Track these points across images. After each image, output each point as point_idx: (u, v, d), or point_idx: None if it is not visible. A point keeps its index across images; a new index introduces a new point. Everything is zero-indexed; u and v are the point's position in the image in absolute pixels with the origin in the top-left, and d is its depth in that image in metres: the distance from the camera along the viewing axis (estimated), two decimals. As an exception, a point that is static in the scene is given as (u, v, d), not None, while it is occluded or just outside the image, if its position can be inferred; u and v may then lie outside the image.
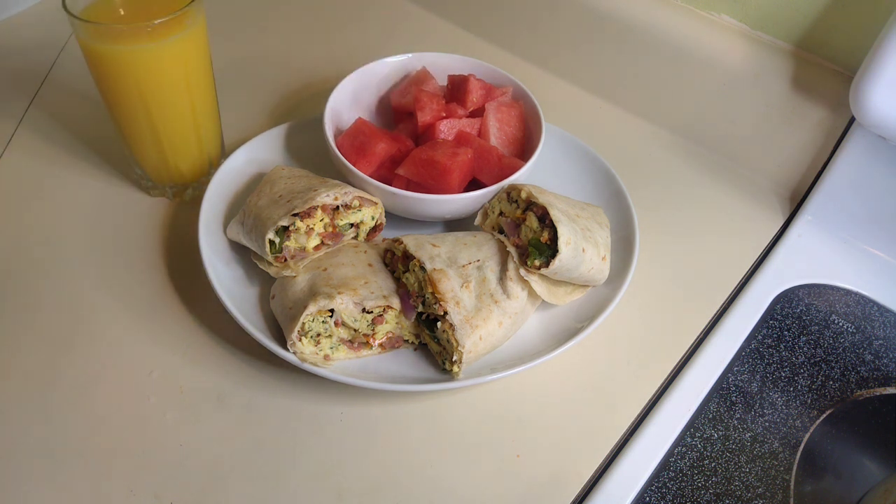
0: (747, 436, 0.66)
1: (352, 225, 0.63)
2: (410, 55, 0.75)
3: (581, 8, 0.85)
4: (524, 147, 0.71)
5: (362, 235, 0.64)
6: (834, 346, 0.72)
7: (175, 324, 0.63)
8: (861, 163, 0.70)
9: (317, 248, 0.61)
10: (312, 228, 0.60)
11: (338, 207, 0.61)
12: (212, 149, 0.72)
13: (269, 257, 0.59)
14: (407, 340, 0.60)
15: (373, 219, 0.64)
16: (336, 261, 0.61)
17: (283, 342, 0.57)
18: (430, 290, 0.57)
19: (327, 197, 0.60)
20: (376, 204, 0.63)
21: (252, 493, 0.53)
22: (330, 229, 0.62)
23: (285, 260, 0.60)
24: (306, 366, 0.56)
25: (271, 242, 0.59)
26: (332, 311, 0.56)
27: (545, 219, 0.59)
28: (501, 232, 0.62)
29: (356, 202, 0.62)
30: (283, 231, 0.59)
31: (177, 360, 0.60)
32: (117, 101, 0.64)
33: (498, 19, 0.93)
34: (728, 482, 0.63)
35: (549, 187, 0.65)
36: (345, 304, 0.56)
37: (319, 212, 0.60)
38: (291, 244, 0.60)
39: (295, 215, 0.59)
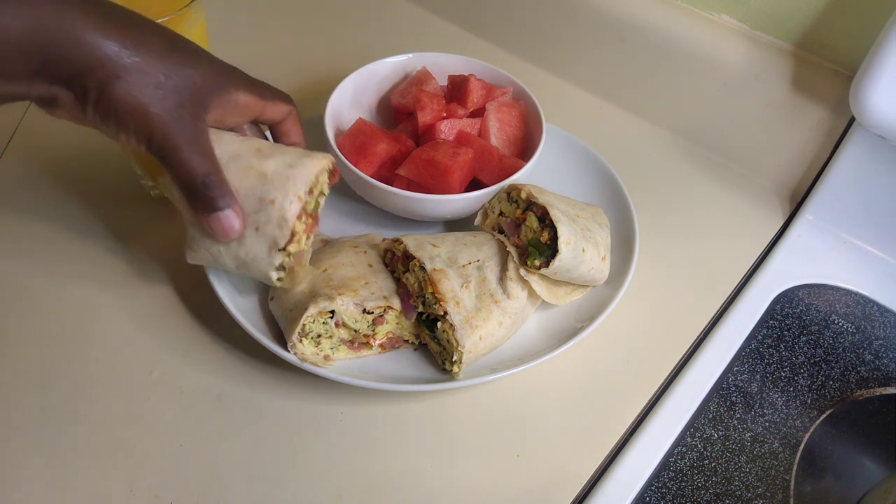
0: (747, 436, 0.66)
1: (321, 195, 0.57)
2: (411, 55, 0.75)
3: (581, 8, 0.85)
4: (524, 147, 0.71)
5: (323, 188, 0.57)
6: (834, 346, 0.72)
7: (175, 324, 0.63)
8: (861, 163, 0.70)
9: (307, 235, 0.56)
10: (299, 239, 0.55)
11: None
12: (212, 149, 0.72)
13: (280, 283, 0.56)
14: (407, 340, 0.60)
15: (326, 172, 0.57)
16: (336, 261, 0.61)
17: (283, 342, 0.57)
18: (430, 290, 0.57)
19: (295, 205, 0.53)
20: (323, 161, 0.56)
21: (252, 493, 0.53)
22: (310, 221, 0.56)
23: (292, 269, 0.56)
24: (306, 366, 0.56)
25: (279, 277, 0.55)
26: (332, 312, 0.56)
27: (545, 219, 0.59)
28: (501, 232, 0.62)
29: (314, 180, 0.55)
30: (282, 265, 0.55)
31: (177, 360, 0.60)
32: (117, 101, 0.64)
33: (498, 19, 0.93)
34: (728, 482, 0.64)
35: (549, 187, 0.65)
36: (345, 306, 0.56)
37: (297, 222, 0.54)
38: (288, 260, 0.55)
39: (281, 250, 0.54)
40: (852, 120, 0.70)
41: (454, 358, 0.56)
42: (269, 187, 0.53)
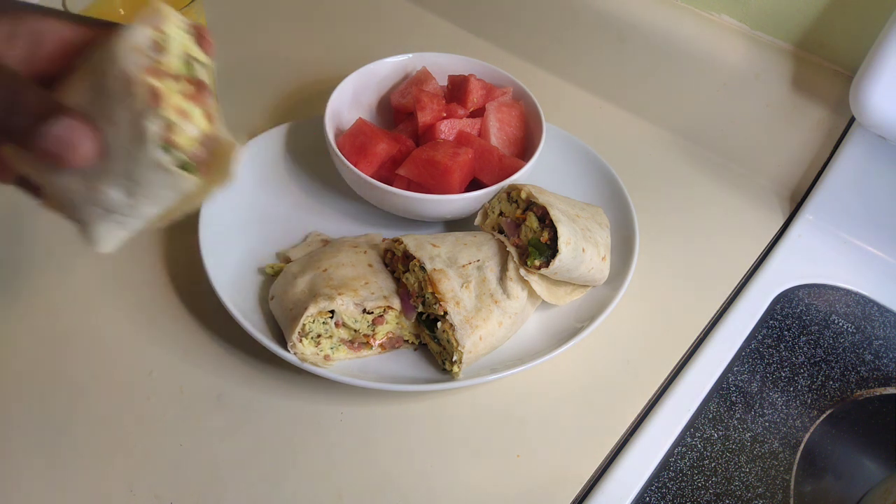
0: (747, 436, 0.66)
1: (192, 59, 0.41)
2: (410, 55, 0.75)
3: (581, 8, 0.85)
4: (524, 147, 0.71)
5: (189, 49, 0.41)
6: (834, 346, 0.72)
7: (175, 323, 0.63)
8: (861, 163, 0.70)
9: (207, 117, 0.40)
10: (183, 110, 0.39)
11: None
12: (212, 149, 0.72)
13: (194, 175, 0.39)
14: (407, 340, 0.60)
15: (179, 29, 0.41)
16: (336, 261, 0.61)
17: (283, 342, 0.57)
18: (430, 290, 0.57)
19: (134, 57, 0.37)
20: (166, 12, 0.40)
21: (252, 493, 0.53)
22: (191, 88, 0.40)
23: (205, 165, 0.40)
24: (306, 366, 0.56)
25: (182, 164, 0.38)
26: (332, 312, 0.56)
27: (545, 219, 0.59)
28: (501, 232, 0.62)
29: (156, 34, 0.39)
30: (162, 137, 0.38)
31: (177, 360, 0.60)
32: (117, 101, 0.64)
33: (498, 19, 0.93)
34: (728, 482, 0.64)
35: (549, 187, 0.65)
36: (345, 306, 0.57)
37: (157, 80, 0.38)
38: (183, 140, 0.38)
39: (149, 120, 0.37)
40: (852, 120, 0.70)
41: (454, 358, 0.56)
42: (99, 66, 0.39)
